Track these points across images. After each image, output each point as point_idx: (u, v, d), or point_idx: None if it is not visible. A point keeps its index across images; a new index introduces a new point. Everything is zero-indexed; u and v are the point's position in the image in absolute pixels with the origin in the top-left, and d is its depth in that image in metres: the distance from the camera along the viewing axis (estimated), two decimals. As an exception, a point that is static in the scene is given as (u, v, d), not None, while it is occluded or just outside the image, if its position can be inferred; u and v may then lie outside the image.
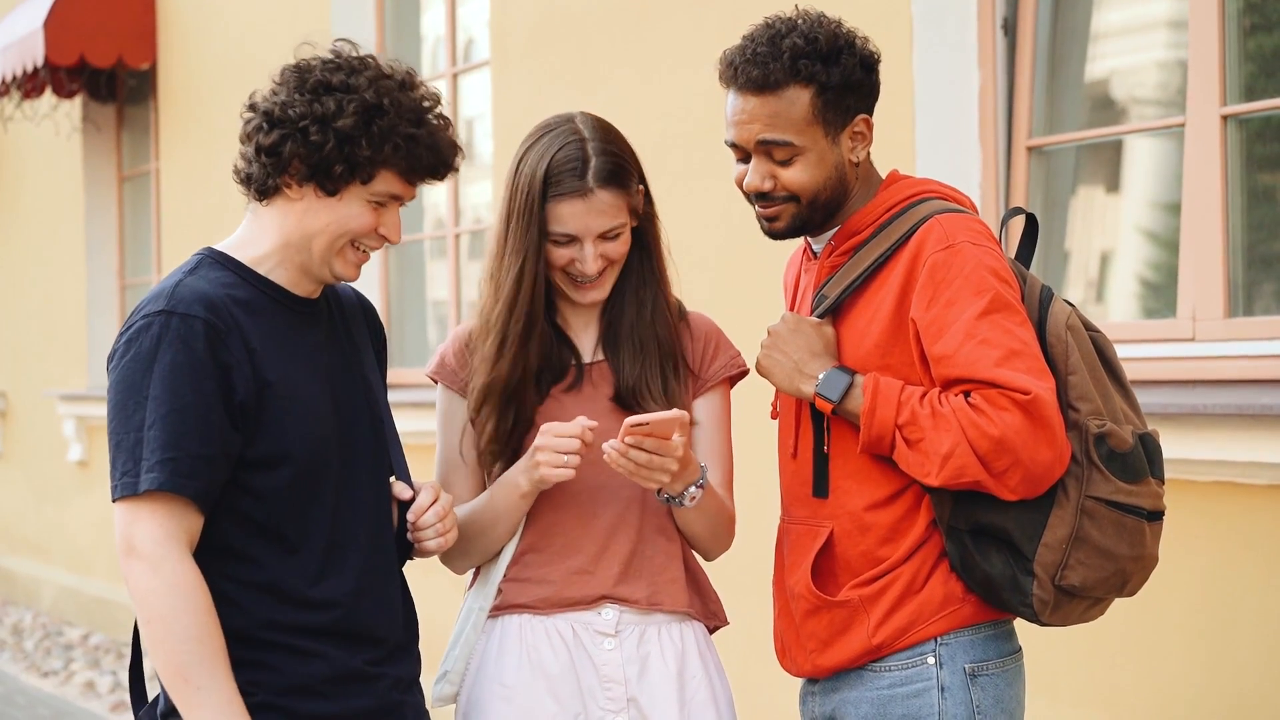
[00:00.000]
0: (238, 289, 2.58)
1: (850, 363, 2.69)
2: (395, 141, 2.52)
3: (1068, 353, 2.61)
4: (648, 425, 2.64)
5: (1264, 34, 4.13)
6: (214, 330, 2.50)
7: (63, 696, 8.06)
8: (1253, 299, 4.07)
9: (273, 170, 2.55)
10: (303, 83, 2.54)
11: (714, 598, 2.99)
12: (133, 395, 2.49)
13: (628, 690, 2.84)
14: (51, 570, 10.46)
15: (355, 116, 2.50)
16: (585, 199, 2.79)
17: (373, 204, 2.58)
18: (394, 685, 2.69)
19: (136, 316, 2.55)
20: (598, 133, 2.84)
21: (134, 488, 2.46)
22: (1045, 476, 2.54)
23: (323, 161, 2.52)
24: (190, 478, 2.46)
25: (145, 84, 9.52)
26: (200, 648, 2.46)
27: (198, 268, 2.61)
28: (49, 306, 10.58)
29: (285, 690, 2.56)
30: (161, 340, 2.49)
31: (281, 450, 2.55)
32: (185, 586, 2.46)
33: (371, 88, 2.52)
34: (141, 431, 2.47)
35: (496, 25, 6.34)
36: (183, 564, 2.47)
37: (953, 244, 2.61)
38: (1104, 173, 4.72)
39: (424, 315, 7.50)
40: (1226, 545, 3.81)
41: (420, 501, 2.72)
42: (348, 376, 2.71)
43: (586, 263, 2.81)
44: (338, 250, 2.61)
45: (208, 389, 2.48)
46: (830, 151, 2.70)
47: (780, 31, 2.68)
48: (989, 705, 2.66)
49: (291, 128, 2.52)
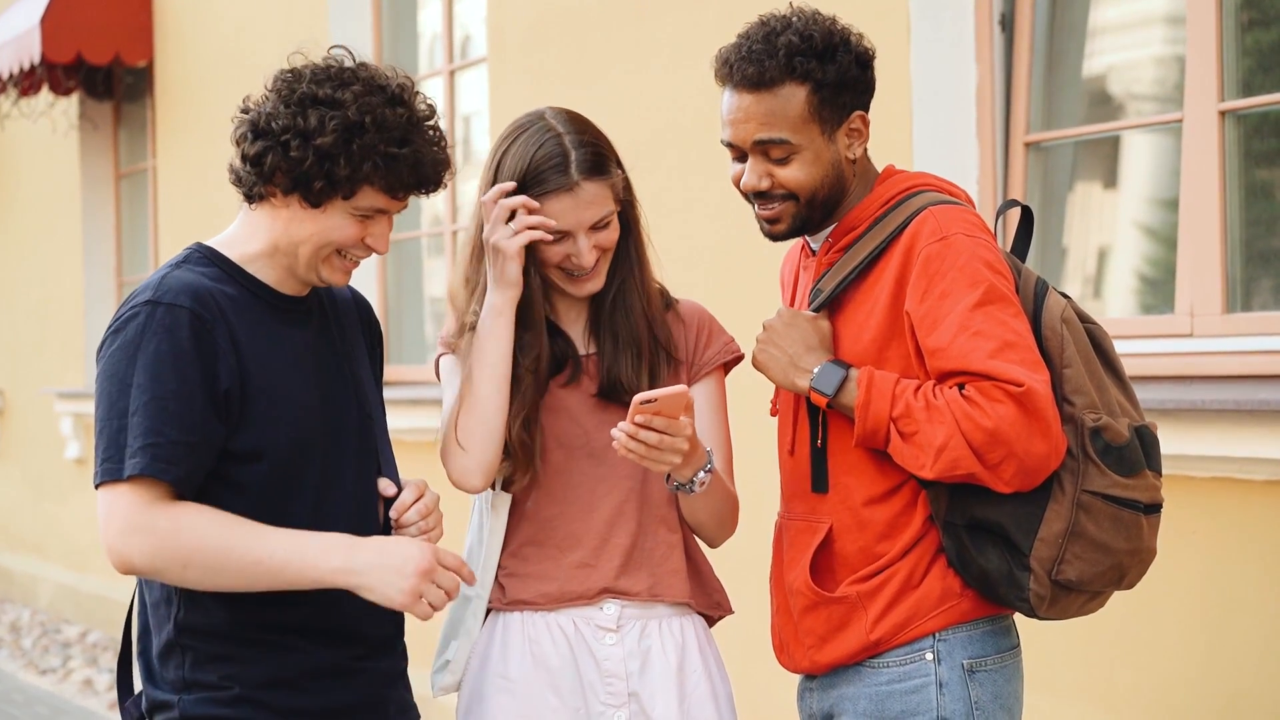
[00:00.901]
0: (224, 284, 2.58)
1: (847, 357, 2.68)
2: (374, 160, 2.51)
3: (1063, 345, 2.61)
4: (655, 402, 2.61)
5: (1262, 29, 4.13)
6: (199, 320, 2.51)
7: (60, 694, 8.05)
8: (1250, 295, 4.07)
9: (257, 179, 2.56)
10: (290, 93, 2.53)
11: (717, 587, 2.98)
12: (117, 383, 2.50)
13: (629, 685, 2.84)
14: (49, 568, 10.45)
15: (335, 135, 2.49)
16: (573, 193, 2.78)
17: (357, 217, 2.58)
18: (377, 680, 2.69)
19: (125, 308, 2.55)
20: (572, 125, 2.83)
21: (117, 473, 2.47)
22: (1039, 469, 2.53)
23: (303, 176, 2.52)
24: (172, 463, 2.47)
25: (142, 81, 9.51)
26: (241, 532, 2.48)
27: (186, 261, 2.62)
28: (46, 304, 10.57)
29: (262, 684, 2.56)
30: (146, 329, 2.49)
31: (260, 445, 2.55)
32: (186, 516, 2.47)
33: (356, 103, 2.51)
34: (125, 418, 2.47)
35: (493, 22, 6.33)
36: (172, 507, 2.48)
37: (947, 236, 2.60)
38: (1102, 168, 4.72)
39: (421, 312, 7.50)
40: (1225, 540, 3.81)
41: (403, 499, 2.70)
42: (337, 374, 2.70)
43: (582, 256, 2.80)
44: (324, 258, 2.61)
45: (191, 377, 2.49)
46: (827, 149, 2.69)
47: (775, 29, 2.68)
48: (987, 701, 2.66)
49: (274, 140, 2.52)
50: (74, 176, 10.07)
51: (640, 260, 2.92)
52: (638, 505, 2.88)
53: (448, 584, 2.53)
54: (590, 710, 2.84)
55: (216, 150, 9.57)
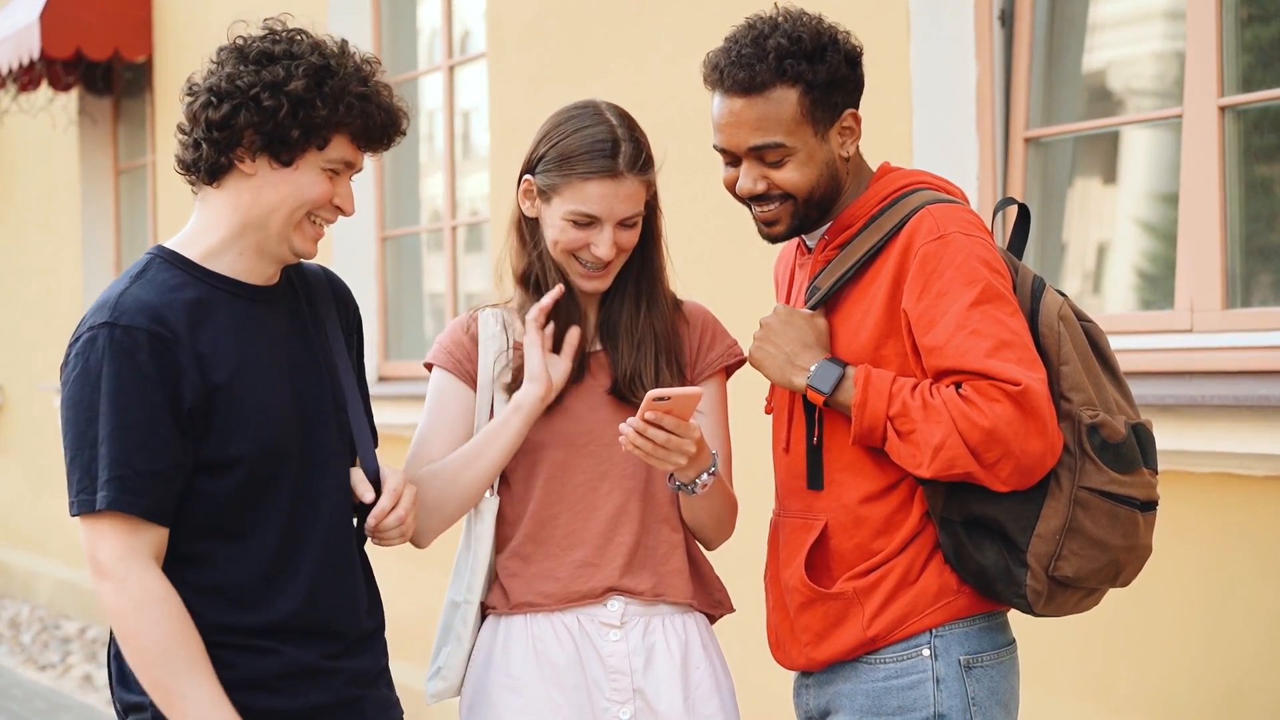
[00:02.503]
0: (187, 289, 2.55)
1: (844, 355, 2.68)
2: (349, 100, 2.51)
3: (1060, 343, 2.61)
4: (669, 401, 2.61)
5: (1261, 25, 4.13)
6: (158, 340, 2.48)
7: (60, 690, 8.06)
8: (1250, 290, 4.06)
9: (224, 145, 2.53)
10: (244, 56, 2.52)
11: (718, 585, 2.98)
12: (85, 410, 2.48)
13: (633, 681, 2.84)
14: (49, 563, 10.45)
15: (305, 79, 2.49)
16: (616, 181, 2.79)
17: (328, 172, 2.57)
18: (353, 680, 2.67)
19: (83, 327, 2.53)
20: (624, 120, 2.86)
21: (91, 505, 2.47)
22: (1036, 467, 2.53)
23: (278, 128, 2.50)
24: (138, 494, 2.46)
25: (141, 77, 9.51)
26: (174, 658, 2.46)
27: (145, 270, 2.58)
28: (45, 299, 10.57)
29: (236, 685, 2.54)
30: (105, 354, 2.47)
31: (232, 454, 2.54)
32: (151, 600, 2.46)
33: (315, 52, 2.52)
34: (95, 448, 2.47)
35: (493, 17, 6.33)
36: (147, 576, 2.47)
37: (944, 234, 2.60)
38: (1101, 164, 4.72)
39: (421, 308, 7.49)
40: (1223, 536, 3.81)
41: (381, 505, 2.67)
42: (310, 366, 2.67)
43: (602, 246, 2.80)
44: (295, 223, 2.58)
45: (154, 401, 2.47)
46: (820, 149, 2.69)
47: (763, 32, 2.67)
48: (984, 697, 2.66)
49: (242, 97, 2.50)
50: (73, 172, 10.07)
51: (659, 265, 2.93)
52: (641, 504, 2.87)
53: None
54: (595, 706, 2.84)
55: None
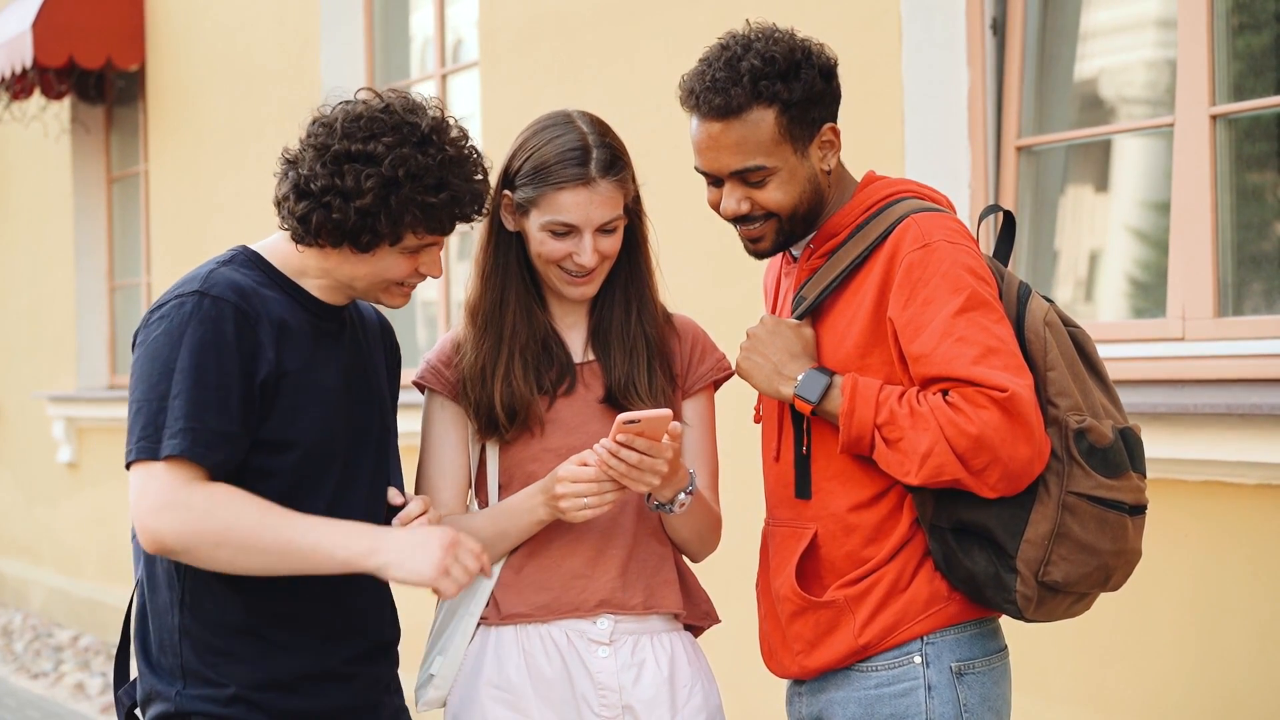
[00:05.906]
0: (267, 289, 2.65)
1: (830, 363, 2.68)
2: (413, 212, 2.57)
3: (1046, 349, 2.61)
4: (639, 423, 2.63)
5: (1252, 33, 4.14)
6: (242, 315, 2.57)
7: (52, 698, 8.04)
8: (1242, 298, 4.07)
9: (305, 233, 2.62)
10: (325, 149, 2.58)
11: (704, 597, 2.98)
12: (160, 366, 2.55)
13: (622, 697, 2.84)
14: (41, 572, 10.44)
15: (371, 194, 2.55)
16: (589, 188, 2.79)
17: (407, 254, 2.64)
18: (372, 684, 2.73)
19: (170, 295, 2.61)
20: (595, 126, 2.85)
21: (153, 452, 2.51)
22: (1024, 473, 2.53)
23: (349, 233, 2.59)
24: (210, 449, 2.52)
25: (134, 85, 9.50)
26: (277, 518, 2.52)
27: (231, 261, 2.68)
28: (38, 308, 10.56)
29: (258, 685, 2.61)
30: (192, 318, 2.56)
31: (290, 435, 2.61)
32: (220, 496, 2.51)
33: (389, 156, 2.55)
34: (165, 401, 2.53)
35: (485, 25, 6.33)
36: (205, 487, 2.51)
37: (929, 243, 2.60)
38: (1093, 172, 4.73)
39: (414, 316, 7.50)
40: (1215, 544, 3.81)
41: (410, 510, 2.73)
42: (364, 387, 2.76)
43: (584, 254, 2.80)
44: (381, 289, 2.68)
45: (231, 369, 2.55)
46: (801, 166, 2.69)
47: (737, 54, 2.66)
48: (976, 704, 2.66)
49: (316, 202, 2.58)
50: (66, 180, 10.06)
51: (648, 273, 2.93)
52: (632, 518, 2.88)
53: (469, 562, 2.59)
54: (583, 720, 2.84)
55: (208, 154, 9.54)
